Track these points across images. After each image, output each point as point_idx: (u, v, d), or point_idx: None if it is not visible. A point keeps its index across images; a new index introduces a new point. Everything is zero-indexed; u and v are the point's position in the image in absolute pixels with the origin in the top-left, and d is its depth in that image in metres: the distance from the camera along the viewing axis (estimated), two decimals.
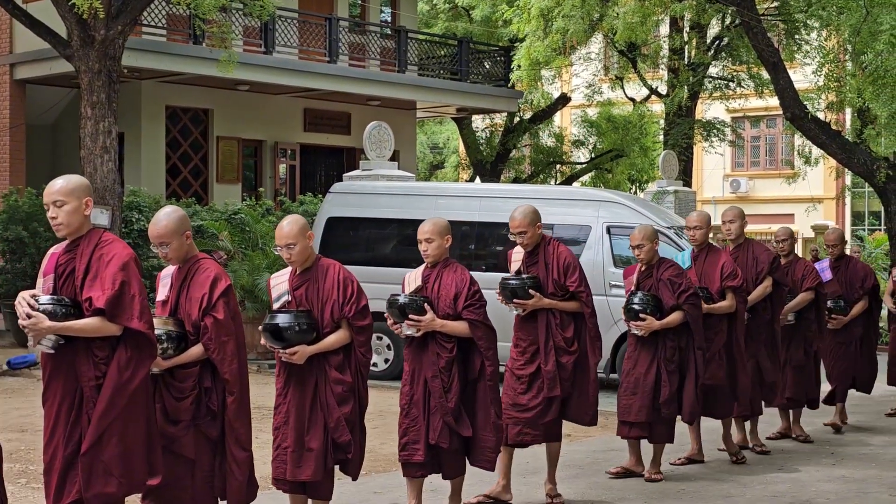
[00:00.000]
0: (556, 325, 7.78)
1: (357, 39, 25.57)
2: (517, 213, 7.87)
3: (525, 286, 7.72)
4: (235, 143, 23.92)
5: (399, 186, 16.37)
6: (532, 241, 7.86)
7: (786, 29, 24.64)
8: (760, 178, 39.57)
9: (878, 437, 11.02)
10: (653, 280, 8.60)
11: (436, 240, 7.06)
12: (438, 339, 6.98)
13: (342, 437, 6.31)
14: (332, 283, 6.39)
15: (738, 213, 9.80)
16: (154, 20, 21.06)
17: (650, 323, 8.44)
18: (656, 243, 8.62)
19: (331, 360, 6.37)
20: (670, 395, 8.48)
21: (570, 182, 29.55)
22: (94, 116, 14.82)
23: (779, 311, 9.87)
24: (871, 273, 11.33)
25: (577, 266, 7.83)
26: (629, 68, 28.63)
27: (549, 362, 7.72)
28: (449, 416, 6.92)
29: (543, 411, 7.76)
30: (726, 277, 9.09)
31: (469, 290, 6.96)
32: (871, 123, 19.11)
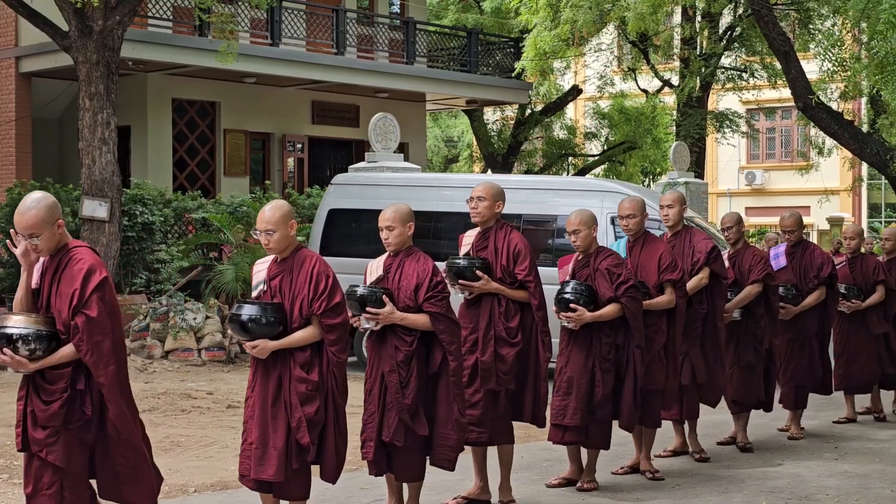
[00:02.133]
0: (499, 313, 7.29)
1: (365, 31, 25.39)
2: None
3: (473, 267, 7.30)
4: (243, 135, 23.77)
5: (401, 178, 16.19)
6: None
7: (799, 18, 24.38)
8: (776, 170, 39.27)
9: (885, 431, 10.79)
10: (589, 269, 7.85)
11: (397, 227, 6.71)
12: (398, 333, 6.62)
13: (303, 439, 5.98)
14: (304, 277, 6.07)
15: (677, 197, 8.98)
16: (159, 12, 20.93)
17: (581, 314, 7.63)
18: (594, 229, 7.86)
19: (297, 357, 6.04)
20: (604, 396, 7.71)
21: (582, 174, 29.33)
22: (92, 108, 14.68)
23: (720, 306, 8.92)
24: (829, 261, 10.31)
25: (529, 253, 7.36)
26: (641, 59, 28.43)
27: (486, 352, 7.23)
28: (405, 413, 6.56)
29: (487, 407, 7.24)
30: (664, 270, 8.21)
31: (431, 282, 6.60)
32: (883, 113, 18.86)
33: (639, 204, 8.44)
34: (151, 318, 15.54)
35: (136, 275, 17.86)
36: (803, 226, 10.57)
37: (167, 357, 15.32)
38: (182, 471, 8.66)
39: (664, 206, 8.95)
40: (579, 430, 7.77)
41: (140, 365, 14.54)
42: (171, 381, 13.68)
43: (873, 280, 11.12)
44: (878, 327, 11.09)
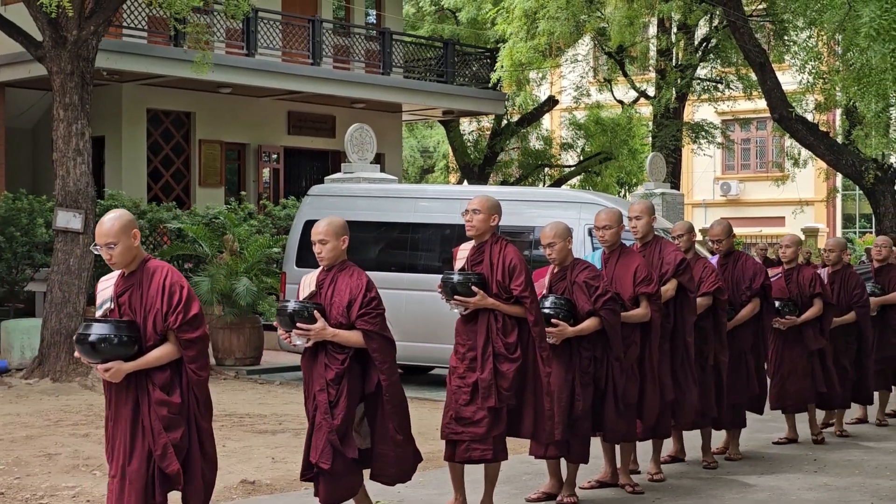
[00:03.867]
0: (497, 329, 7.14)
1: (341, 41, 25.34)
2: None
3: (468, 282, 7.13)
4: (218, 146, 23.67)
5: (377, 189, 16.12)
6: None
7: (774, 30, 24.49)
8: (751, 180, 39.43)
9: (864, 443, 10.77)
10: (566, 283, 7.73)
11: (330, 241, 6.44)
12: (329, 350, 6.36)
13: (170, 467, 5.49)
14: (156, 290, 5.58)
15: (646, 207, 8.72)
16: (134, 22, 20.83)
17: (563, 329, 7.54)
18: (570, 241, 7.74)
19: (155, 378, 5.56)
20: (584, 409, 7.64)
21: (558, 185, 29.34)
22: (66, 118, 14.54)
23: (690, 320, 8.65)
24: (761, 271, 9.74)
25: (524, 269, 7.20)
26: (617, 70, 28.49)
27: (485, 369, 7.09)
28: (333, 434, 6.25)
29: (491, 424, 7.09)
30: (640, 283, 8.06)
31: (364, 298, 6.33)
32: (859, 124, 18.94)
33: (616, 215, 8.29)
34: None
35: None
36: (733, 234, 9.98)
37: None
38: None
39: (632, 216, 8.75)
40: (560, 445, 7.65)
41: None
42: None
43: (809, 293, 10.49)
44: (814, 343, 10.47)
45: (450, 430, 7.19)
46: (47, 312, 14.56)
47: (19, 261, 17.58)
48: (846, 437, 11.00)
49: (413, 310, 14.34)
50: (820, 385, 10.53)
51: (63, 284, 14.43)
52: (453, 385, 7.25)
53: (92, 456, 9.44)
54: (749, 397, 9.73)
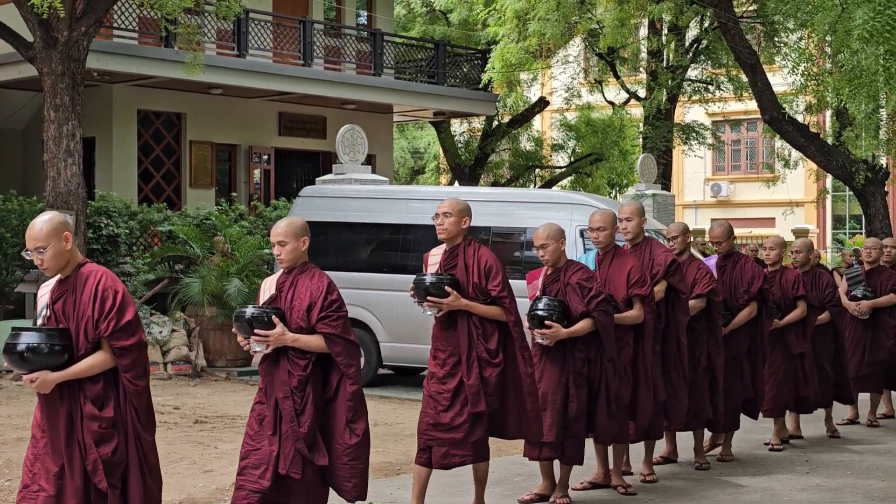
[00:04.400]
0: (478, 334, 7.08)
1: (332, 42, 25.32)
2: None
3: (442, 283, 7.04)
4: (209, 147, 23.63)
5: (369, 190, 16.12)
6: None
7: (764, 31, 24.52)
8: (741, 181, 39.49)
9: (855, 444, 10.79)
10: (560, 284, 7.72)
11: (290, 242, 6.17)
12: (291, 356, 6.09)
13: (100, 483, 5.23)
14: (88, 296, 5.31)
15: (636, 209, 8.69)
16: (125, 23, 20.79)
17: (557, 331, 7.54)
18: (562, 243, 7.72)
19: (87, 390, 5.28)
20: (578, 411, 7.64)
21: (549, 186, 29.35)
22: (57, 119, 14.53)
23: (682, 321, 8.64)
24: (759, 274, 9.68)
25: (500, 270, 7.14)
26: (608, 72, 28.52)
27: (471, 375, 7.02)
28: (301, 443, 6.02)
29: (471, 429, 7.04)
30: (633, 285, 8.04)
31: (325, 300, 6.08)
32: (849, 125, 18.98)
33: (610, 217, 8.29)
34: None
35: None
36: (733, 236, 9.99)
37: None
38: None
39: (623, 218, 8.68)
40: (555, 447, 7.66)
41: None
42: None
43: (792, 295, 10.40)
44: (797, 347, 10.39)
45: (427, 436, 7.13)
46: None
47: (9, 262, 17.54)
48: (837, 437, 10.98)
49: (404, 311, 14.31)
50: (802, 389, 10.44)
51: None
52: (432, 390, 7.17)
53: None
54: (743, 400, 9.68)
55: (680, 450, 9.61)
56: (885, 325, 11.84)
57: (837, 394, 11.24)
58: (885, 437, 11.21)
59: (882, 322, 11.84)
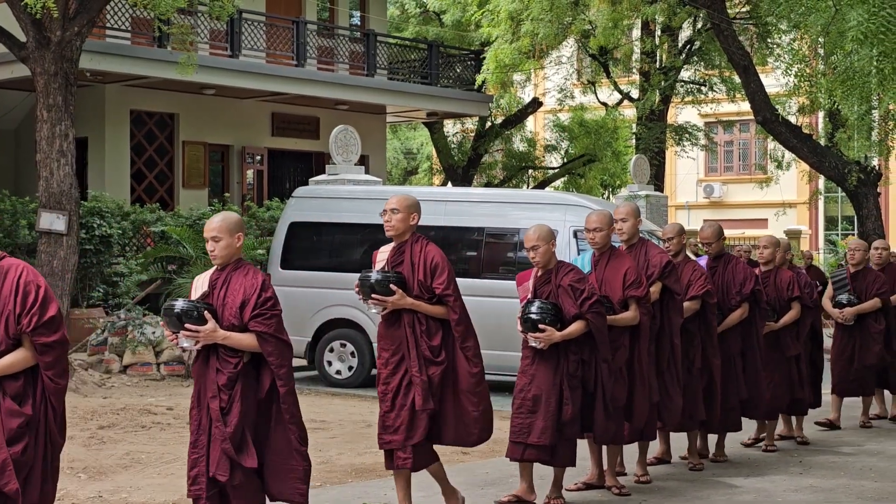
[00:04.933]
0: (421, 331, 6.97)
1: (325, 43, 25.32)
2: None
3: (387, 281, 6.92)
4: (202, 147, 23.61)
5: (362, 191, 16.12)
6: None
7: (757, 32, 24.57)
8: (734, 182, 39.54)
9: (848, 445, 10.80)
10: (551, 286, 7.65)
11: (224, 238, 6.02)
12: (221, 354, 5.93)
13: (8, 486, 4.93)
14: (9, 290, 5.08)
15: (632, 210, 8.67)
16: (118, 23, 20.76)
17: (551, 334, 7.45)
18: (553, 244, 7.66)
19: (7, 386, 5.05)
20: (574, 413, 7.54)
21: (542, 187, 29.37)
22: (50, 120, 14.50)
23: (676, 322, 8.63)
24: (751, 276, 9.62)
25: (447, 267, 7.02)
26: (601, 73, 28.55)
27: (423, 371, 6.92)
28: (227, 444, 5.81)
29: (409, 431, 6.91)
30: (629, 286, 8.01)
31: (259, 298, 5.92)
32: (842, 127, 19.02)
33: (606, 217, 8.25)
34: (109, 332, 15.36)
35: (94, 288, 17.67)
36: (723, 237, 9.91)
37: (125, 372, 15.14)
38: (143, 488, 8.53)
39: (618, 219, 8.65)
40: (545, 449, 7.57)
41: (98, 380, 14.35)
42: (129, 397, 13.51)
43: (787, 296, 10.25)
44: (792, 349, 10.26)
45: (382, 439, 7.06)
46: None
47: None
48: (805, 444, 10.70)
49: None
50: (797, 391, 10.34)
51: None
52: (380, 393, 7.10)
53: (77, 458, 9.41)
54: (740, 401, 9.64)
55: (673, 450, 9.61)
56: (872, 329, 11.55)
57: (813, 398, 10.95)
58: (877, 439, 11.22)
59: (869, 327, 11.54)
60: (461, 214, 14.61)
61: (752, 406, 9.85)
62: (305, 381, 15.44)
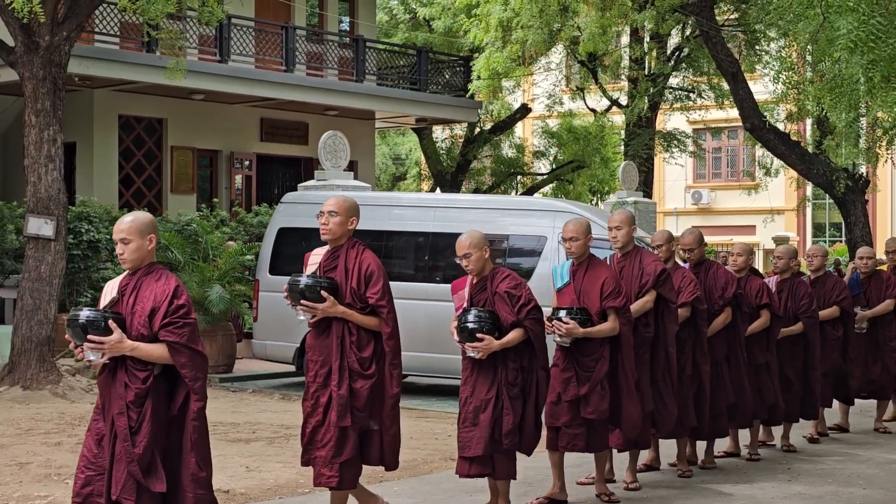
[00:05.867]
0: (351, 342, 6.62)
1: (315, 48, 25.31)
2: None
3: (318, 286, 6.57)
4: (190, 152, 23.58)
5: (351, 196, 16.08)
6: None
7: (746, 40, 24.63)
8: (722, 189, 39.62)
9: (836, 453, 10.82)
10: (487, 294, 7.35)
11: (134, 240, 5.62)
12: (130, 367, 5.49)
13: None
14: None
15: (626, 218, 8.62)
16: (106, 28, 20.73)
17: (489, 343, 7.15)
18: (486, 251, 7.33)
19: None
20: (514, 424, 7.24)
21: (530, 193, 29.40)
22: (38, 124, 14.44)
23: (671, 330, 8.63)
24: (732, 280, 9.64)
25: (382, 275, 6.70)
26: (590, 79, 28.59)
27: (342, 386, 6.56)
28: (134, 465, 5.38)
29: (338, 447, 6.59)
30: (607, 296, 7.83)
31: (171, 305, 5.50)
32: (830, 134, 19.05)
33: (583, 226, 8.08)
34: None
35: (82, 293, 17.61)
36: (704, 244, 9.90)
37: None
38: None
39: (612, 227, 8.62)
40: (484, 461, 7.29)
41: (86, 385, 14.32)
42: None
43: (756, 303, 10.12)
44: (760, 357, 10.11)
45: (306, 456, 6.79)
46: (18, 320, 14.44)
47: None
48: (793, 451, 10.67)
49: None
50: (769, 398, 10.19)
51: (34, 291, 14.32)
52: (307, 405, 6.79)
53: (64, 465, 9.37)
54: (728, 406, 9.63)
55: (662, 457, 9.61)
56: (830, 336, 11.32)
57: (802, 409, 10.83)
58: (866, 446, 11.24)
59: (827, 335, 11.27)
60: (450, 220, 14.60)
61: (736, 412, 9.82)
62: (294, 386, 15.40)
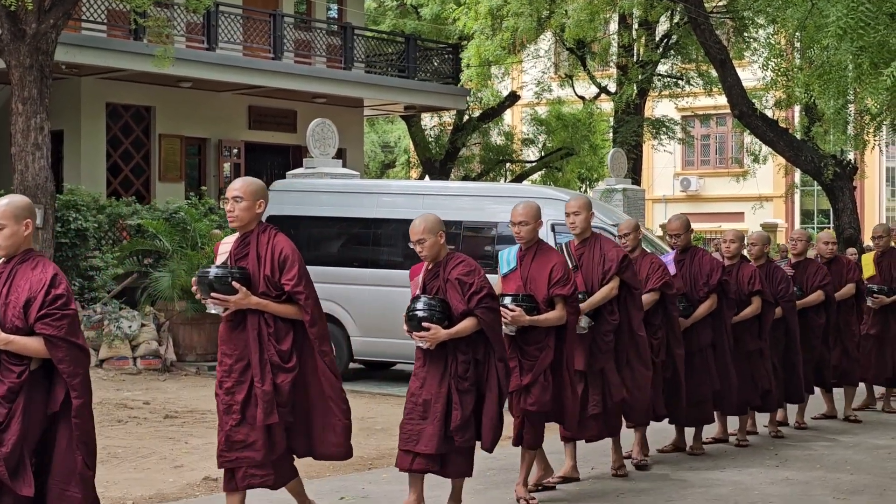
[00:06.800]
0: (269, 334, 6.18)
1: (303, 36, 25.26)
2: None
3: (228, 277, 6.16)
4: (178, 140, 23.53)
5: (340, 184, 16.10)
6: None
7: (734, 27, 24.64)
8: (710, 176, 39.67)
9: (824, 438, 10.86)
10: (439, 281, 6.96)
11: (8, 225, 5.34)
12: (4, 361, 5.22)
13: None
14: None
15: (584, 203, 8.29)
16: (94, 15, 20.66)
17: (436, 332, 6.75)
18: (441, 235, 6.93)
19: None
20: (464, 419, 6.84)
21: (519, 180, 29.40)
22: (25, 112, 14.42)
23: (635, 316, 8.39)
24: (718, 267, 9.60)
25: (297, 261, 6.25)
26: (578, 66, 28.59)
27: (265, 381, 6.14)
28: (1, 466, 5.10)
29: (269, 446, 6.19)
30: (555, 284, 7.46)
31: (47, 295, 5.20)
32: (818, 121, 19.08)
33: (533, 210, 7.74)
34: (85, 325, 15.29)
35: (70, 282, 17.55)
36: (691, 230, 9.86)
37: (102, 366, 15.09)
38: (120, 483, 8.49)
39: (570, 212, 8.34)
40: (433, 459, 6.90)
41: None
42: (106, 391, 13.45)
43: (748, 290, 10.10)
44: (752, 344, 10.10)
45: (224, 457, 6.28)
46: None
47: None
48: (781, 437, 10.70)
49: (375, 305, 14.34)
50: (763, 385, 10.18)
51: None
52: (222, 405, 6.29)
53: None
54: (713, 393, 9.62)
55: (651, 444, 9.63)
56: (813, 323, 11.28)
57: (787, 393, 10.83)
58: (853, 431, 11.28)
59: (810, 321, 11.24)
60: (438, 208, 14.51)
61: (722, 399, 9.82)
62: None
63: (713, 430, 10.36)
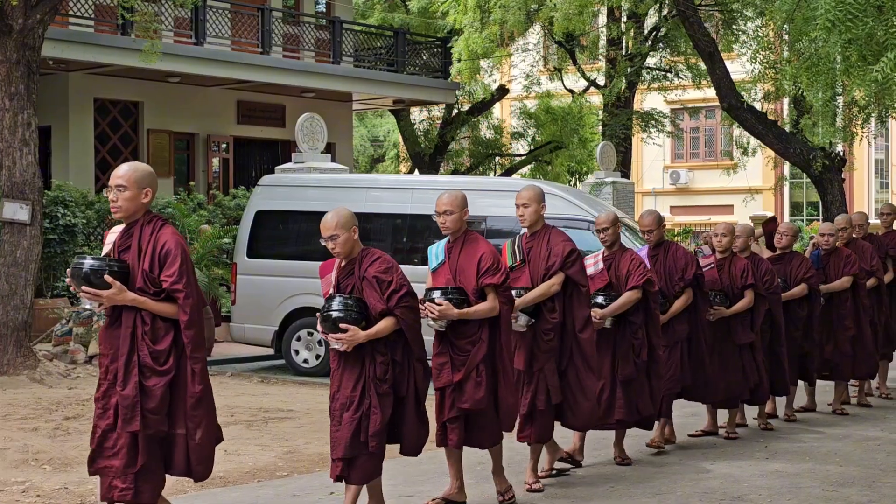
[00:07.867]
0: (143, 333, 5.72)
1: (291, 30, 25.22)
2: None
3: (101, 270, 5.71)
4: (167, 136, 23.48)
5: (328, 179, 16.08)
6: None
7: (723, 19, 24.67)
8: (700, 169, 39.73)
9: (813, 430, 10.87)
10: (355, 278, 6.60)
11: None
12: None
13: None
14: None
15: (534, 194, 7.88)
16: (81, 10, 20.61)
17: (354, 334, 6.42)
18: (355, 231, 6.59)
19: None
20: (382, 424, 6.51)
21: (509, 174, 29.40)
22: (12, 108, 14.33)
23: (579, 316, 7.90)
24: (692, 261, 9.47)
25: (181, 255, 5.75)
26: (567, 59, 28.59)
27: (128, 384, 5.67)
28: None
29: (130, 455, 5.69)
30: (484, 273, 7.06)
31: None
32: (807, 113, 19.12)
33: (458, 199, 7.26)
34: (75, 322, 15.25)
35: (59, 278, 17.52)
36: (664, 224, 9.76)
37: (91, 362, 15.03)
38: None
39: (519, 204, 7.89)
40: (347, 463, 6.56)
41: (63, 370, 14.25)
42: (95, 387, 13.39)
43: (741, 284, 10.06)
44: (743, 337, 10.06)
45: (92, 464, 5.86)
46: None
47: None
48: (770, 430, 10.70)
49: None
50: (753, 379, 10.15)
51: (10, 276, 14.24)
52: (98, 408, 5.86)
53: (41, 450, 9.33)
54: (683, 386, 9.58)
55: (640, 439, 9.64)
56: (795, 316, 11.18)
57: (773, 386, 10.71)
58: (842, 423, 11.29)
59: (792, 314, 11.13)
60: (428, 202, 14.51)
61: (700, 390, 9.78)
62: (273, 369, 15.39)
63: (703, 423, 10.38)
